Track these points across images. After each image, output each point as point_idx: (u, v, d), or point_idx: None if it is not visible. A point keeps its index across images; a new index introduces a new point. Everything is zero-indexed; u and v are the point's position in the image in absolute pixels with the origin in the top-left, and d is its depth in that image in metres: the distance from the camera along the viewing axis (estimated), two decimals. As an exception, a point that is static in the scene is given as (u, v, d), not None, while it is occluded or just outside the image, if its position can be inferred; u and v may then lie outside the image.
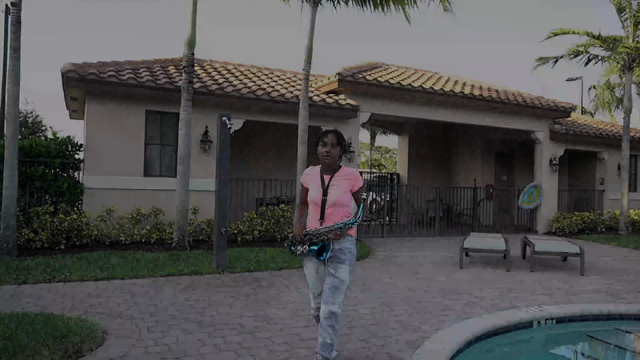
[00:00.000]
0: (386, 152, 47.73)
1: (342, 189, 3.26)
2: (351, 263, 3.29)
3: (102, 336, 3.92)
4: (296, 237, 3.27)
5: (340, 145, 3.29)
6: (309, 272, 3.40)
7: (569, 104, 13.84)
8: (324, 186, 3.27)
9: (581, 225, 13.63)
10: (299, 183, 3.59)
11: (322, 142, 3.26)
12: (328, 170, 3.32)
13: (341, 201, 3.24)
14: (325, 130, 3.31)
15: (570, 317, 5.18)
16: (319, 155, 3.28)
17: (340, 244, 3.27)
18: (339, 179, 3.29)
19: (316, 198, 3.27)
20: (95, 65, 9.25)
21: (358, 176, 3.32)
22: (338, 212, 3.25)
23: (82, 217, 8.22)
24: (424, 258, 8.69)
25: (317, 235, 3.22)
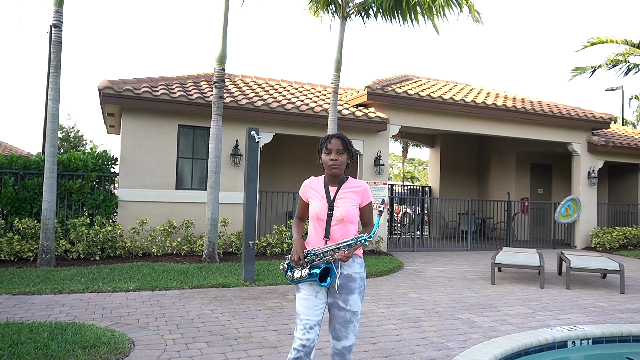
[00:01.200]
0: (419, 165, 47.32)
1: (350, 203, 2.78)
2: (362, 290, 2.79)
3: (129, 347, 4.00)
4: (294, 259, 2.69)
5: (348, 151, 2.82)
6: (304, 297, 2.74)
7: (608, 115, 13.39)
8: (329, 199, 2.78)
9: (623, 241, 13.08)
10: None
11: (326, 149, 2.80)
12: (334, 181, 2.85)
13: (350, 217, 2.75)
14: (329, 135, 2.84)
15: (608, 337, 4.94)
16: (323, 165, 2.84)
17: (348, 269, 2.76)
18: (347, 191, 2.82)
19: (321, 213, 2.76)
20: (130, 81, 9.58)
21: (368, 189, 2.88)
22: (346, 229, 2.75)
23: (116, 229, 8.45)
24: (454, 273, 8.51)
25: (322, 254, 2.68)
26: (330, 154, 2.78)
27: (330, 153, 2.79)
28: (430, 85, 12.94)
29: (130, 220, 8.98)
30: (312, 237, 2.83)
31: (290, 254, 2.76)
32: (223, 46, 8.70)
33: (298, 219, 3.02)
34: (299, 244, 2.76)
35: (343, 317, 2.75)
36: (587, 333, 4.85)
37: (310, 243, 2.83)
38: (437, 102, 11.33)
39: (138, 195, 9.15)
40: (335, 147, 2.78)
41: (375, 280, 7.54)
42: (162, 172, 9.35)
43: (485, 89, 14.31)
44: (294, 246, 2.76)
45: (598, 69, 14.52)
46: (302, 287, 2.77)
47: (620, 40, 13.67)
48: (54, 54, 7.86)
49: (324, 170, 2.87)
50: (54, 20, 7.86)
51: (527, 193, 15.65)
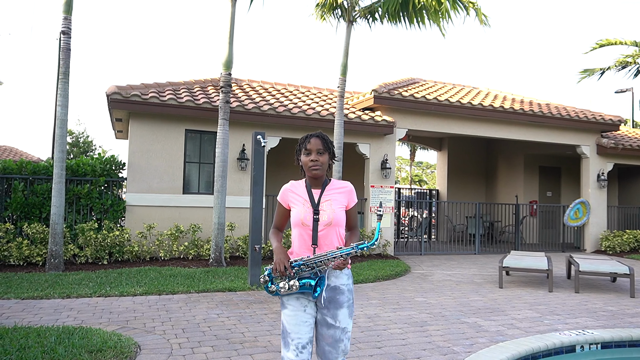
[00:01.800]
0: (427, 168, 47.13)
1: (337, 205, 2.56)
2: (351, 304, 2.55)
3: (135, 351, 4.01)
4: (280, 269, 2.38)
5: (329, 151, 2.59)
6: (292, 312, 2.48)
7: (618, 117, 13.27)
8: (314, 203, 2.54)
9: (634, 244, 12.94)
10: None
11: (306, 150, 2.56)
12: (316, 184, 2.61)
13: (338, 220, 2.53)
14: (308, 135, 2.60)
15: (618, 342, 4.87)
16: (303, 167, 2.60)
17: (335, 280, 2.51)
18: (332, 193, 2.59)
19: (306, 218, 2.51)
20: (138, 87, 9.65)
21: (353, 190, 2.66)
22: (333, 234, 2.53)
23: (124, 234, 8.50)
24: (461, 277, 8.46)
25: (314, 264, 2.41)
26: (310, 154, 2.56)
27: (310, 153, 2.56)
28: (437, 88, 12.92)
29: (138, 225, 9.03)
30: (296, 246, 2.57)
31: (273, 264, 2.44)
32: (229, 51, 8.75)
33: (275, 229, 2.71)
34: (282, 252, 2.47)
35: (332, 336, 2.48)
36: (596, 337, 4.79)
37: (294, 252, 2.57)
38: (444, 105, 11.30)
39: (145, 199, 9.20)
40: (315, 147, 2.55)
41: (382, 284, 7.52)
42: (169, 177, 9.40)
43: (492, 91, 14.25)
44: (277, 255, 2.46)
45: (607, 71, 14.39)
46: (289, 302, 2.50)
47: (630, 42, 13.55)
48: (62, 60, 7.95)
49: (304, 174, 2.65)
50: (62, 27, 7.95)
51: (535, 196, 15.54)
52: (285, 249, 2.52)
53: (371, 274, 7.97)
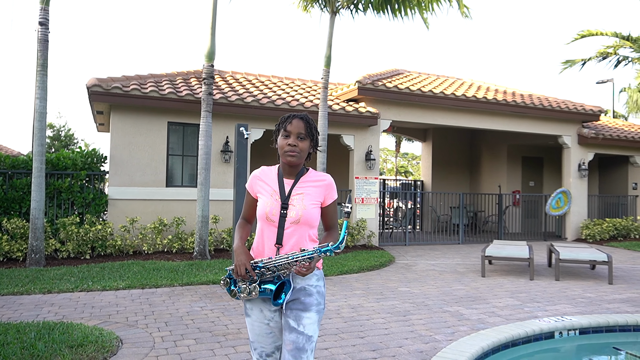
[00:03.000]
0: (413, 159, 47.40)
1: (310, 201, 2.21)
2: (320, 309, 2.23)
3: (117, 345, 3.99)
4: (240, 271, 2.12)
5: (311, 138, 2.25)
6: (254, 321, 2.25)
7: (598, 108, 13.46)
8: (283, 195, 2.22)
9: (613, 232, 13.18)
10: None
11: (285, 132, 2.21)
12: (290, 173, 2.28)
13: (308, 218, 2.19)
14: (291, 115, 2.26)
15: (595, 327, 4.99)
16: (278, 151, 2.26)
17: (302, 281, 2.20)
18: (306, 186, 2.25)
19: (271, 212, 2.19)
20: (119, 79, 9.52)
21: (332, 184, 2.30)
22: (302, 233, 2.20)
23: (106, 228, 8.42)
24: (445, 266, 8.55)
25: (275, 267, 2.13)
26: (289, 137, 2.20)
27: (289, 136, 2.21)
28: (421, 79, 12.95)
29: (121, 219, 8.95)
30: (259, 243, 2.26)
31: (234, 266, 2.17)
32: (212, 42, 8.66)
33: (244, 220, 2.38)
34: (243, 253, 2.17)
35: (294, 342, 2.13)
36: (574, 324, 4.89)
37: (256, 250, 2.26)
38: (428, 97, 11.35)
39: (128, 193, 9.11)
40: (296, 129, 2.20)
41: (367, 274, 7.56)
42: (152, 170, 9.32)
43: (476, 82, 14.34)
44: (237, 255, 2.17)
45: (588, 62, 14.59)
46: (251, 311, 2.25)
47: (610, 32, 13.73)
48: (40, 52, 7.79)
49: (279, 159, 2.30)
50: (40, 18, 7.79)
51: (518, 186, 15.73)
52: (247, 249, 2.21)
53: (355, 264, 8.02)
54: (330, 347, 4.04)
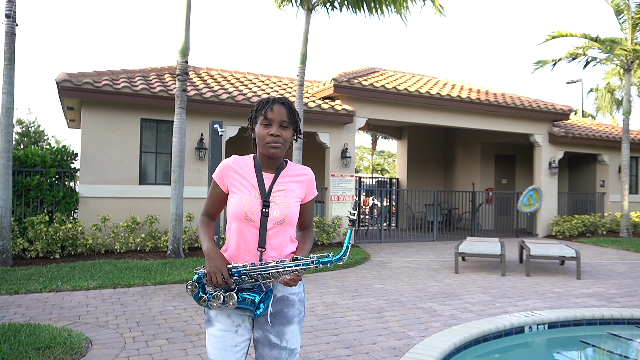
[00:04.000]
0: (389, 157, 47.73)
1: (293, 198, 2.00)
2: (302, 318, 2.03)
3: (87, 346, 3.91)
4: (216, 278, 1.83)
5: (294, 125, 2.00)
6: (219, 333, 1.92)
7: (568, 107, 13.79)
8: (264, 191, 1.96)
9: (581, 228, 13.54)
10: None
11: (265, 119, 1.94)
12: (269, 166, 2.01)
13: (293, 217, 1.99)
14: (270, 100, 1.99)
15: (563, 322, 5.12)
16: (256, 141, 1.99)
17: (283, 289, 1.98)
18: (288, 181, 2.02)
19: (251, 210, 1.92)
20: (90, 74, 9.31)
21: (313, 179, 2.10)
22: (285, 235, 1.97)
23: (77, 226, 8.23)
24: (419, 263, 8.65)
25: (259, 276, 1.86)
26: (270, 126, 1.94)
27: (271, 125, 1.94)
28: (397, 77, 13.04)
29: (92, 217, 8.76)
30: (233, 246, 1.96)
31: (207, 271, 1.87)
32: (186, 38, 8.54)
33: (207, 217, 2.08)
34: (218, 257, 1.88)
35: (277, 359, 1.95)
36: (544, 318, 5.01)
37: (230, 254, 1.97)
38: (403, 95, 11.43)
39: (100, 191, 8.93)
40: (279, 117, 1.94)
41: (342, 272, 7.59)
42: (124, 167, 9.15)
43: (450, 81, 14.52)
44: (211, 259, 1.87)
45: (559, 62, 14.88)
46: (217, 318, 1.93)
47: (580, 34, 14.04)
48: (7, 45, 7.55)
49: (255, 149, 2.04)
50: (6, 10, 7.55)
51: (491, 183, 16.01)
52: (220, 252, 1.92)
53: (331, 262, 8.02)
54: (304, 345, 4.04)
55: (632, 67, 14.15)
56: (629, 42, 13.75)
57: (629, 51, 13.54)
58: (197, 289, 1.91)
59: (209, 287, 1.90)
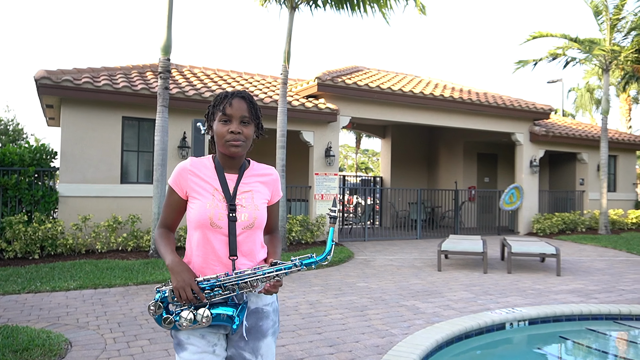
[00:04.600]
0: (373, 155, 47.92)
1: (260, 199, 1.87)
2: (276, 329, 1.90)
3: (66, 348, 3.85)
4: (185, 294, 1.65)
5: (256, 121, 1.86)
6: (194, 353, 1.74)
7: (548, 106, 13.99)
8: (228, 194, 1.81)
9: (561, 226, 13.75)
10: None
11: (224, 116, 1.79)
12: (231, 166, 1.87)
13: (262, 220, 1.85)
14: (228, 94, 1.84)
15: (543, 318, 5.20)
16: (215, 140, 1.84)
17: (257, 300, 1.84)
18: (253, 182, 1.89)
19: (215, 216, 1.77)
20: (70, 71, 9.16)
21: (279, 179, 1.99)
22: (256, 239, 1.85)
23: (56, 226, 8.09)
24: (402, 261, 8.70)
25: (237, 286, 1.70)
26: (230, 122, 1.79)
27: (230, 122, 1.79)
28: (380, 76, 13.09)
29: (72, 217, 8.63)
30: (202, 258, 1.79)
31: (173, 287, 1.67)
32: (168, 35, 8.44)
33: (165, 229, 1.89)
34: (185, 270, 1.70)
35: None
36: (524, 315, 5.08)
37: (196, 265, 1.79)
38: (387, 93, 11.48)
39: (80, 190, 8.79)
40: (239, 112, 1.79)
41: (325, 270, 7.60)
42: (105, 166, 9.02)
43: (433, 80, 14.62)
44: (177, 273, 1.68)
45: (540, 62, 15.09)
46: (189, 341, 1.74)
47: (560, 34, 14.24)
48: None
49: (213, 148, 1.90)
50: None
51: (474, 182, 16.17)
52: (187, 264, 1.75)
53: (315, 261, 8.02)
54: (287, 344, 4.04)
55: (610, 67, 14.41)
56: (607, 42, 14.00)
57: (607, 51, 13.78)
58: (161, 310, 1.69)
59: (175, 306, 1.69)
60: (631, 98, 26.36)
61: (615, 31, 14.17)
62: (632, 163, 16.78)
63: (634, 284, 6.89)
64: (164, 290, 1.72)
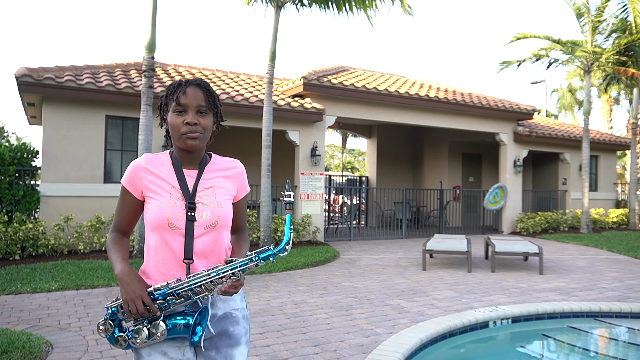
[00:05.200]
0: (359, 155, 48.03)
1: (224, 195, 1.71)
2: (248, 338, 1.75)
3: (47, 350, 3.79)
4: (136, 307, 1.50)
5: (214, 110, 1.70)
6: None
7: (532, 107, 14.16)
8: (187, 191, 1.65)
9: (544, 225, 13.93)
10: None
11: (178, 105, 1.64)
12: (190, 161, 1.71)
13: (226, 218, 1.69)
14: (182, 82, 1.67)
15: (526, 316, 5.26)
16: (170, 133, 1.69)
17: (224, 305, 1.68)
18: (216, 177, 1.73)
19: (174, 216, 1.61)
20: (52, 69, 9.02)
21: (244, 172, 1.82)
22: (220, 240, 1.69)
23: (38, 226, 7.97)
24: (388, 260, 8.73)
25: (189, 292, 1.54)
26: (185, 113, 1.64)
27: (185, 112, 1.64)
28: (366, 76, 13.12)
29: (54, 217, 8.50)
30: (161, 262, 1.62)
31: (122, 300, 1.53)
32: (152, 33, 8.36)
33: (118, 234, 1.72)
34: (135, 280, 1.54)
35: None
36: (507, 313, 5.14)
37: (153, 272, 1.63)
38: (373, 93, 11.51)
39: (62, 189, 8.67)
40: (195, 101, 1.63)
41: (311, 270, 7.60)
42: (88, 165, 8.91)
43: (419, 80, 14.70)
44: (126, 285, 1.52)
45: (523, 63, 15.27)
46: (152, 357, 1.57)
47: (543, 36, 14.43)
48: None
49: (170, 143, 1.76)
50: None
51: (459, 181, 16.31)
52: (137, 273, 1.59)
53: (300, 260, 8.03)
54: (272, 344, 4.03)
55: (592, 68, 14.63)
56: (589, 44, 14.23)
57: (589, 53, 14.00)
58: (113, 328, 1.55)
59: (128, 322, 1.54)
60: (612, 99, 26.82)
61: (596, 33, 14.41)
62: (612, 163, 17.08)
63: (614, 282, 7.01)
64: (113, 306, 1.57)
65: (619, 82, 17.23)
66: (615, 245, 11.03)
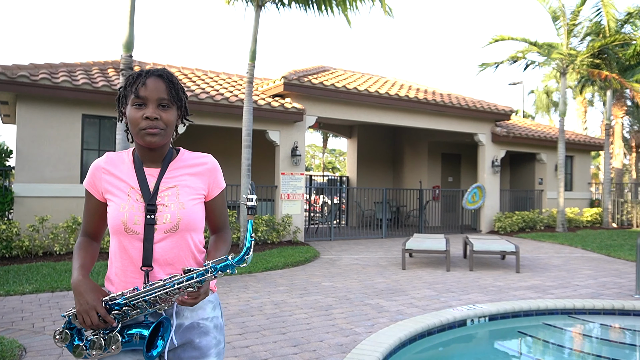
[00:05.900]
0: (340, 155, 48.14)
1: (189, 195, 1.56)
2: (220, 349, 1.62)
3: (20, 354, 3.71)
4: (89, 318, 1.41)
5: (178, 103, 1.56)
6: None
7: (509, 108, 14.39)
8: (147, 192, 1.53)
9: (521, 224, 14.17)
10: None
11: (137, 98, 1.50)
12: (152, 159, 1.58)
13: (190, 221, 1.55)
14: (142, 73, 1.54)
15: (503, 314, 5.35)
16: (130, 128, 1.55)
17: (192, 314, 1.57)
18: (180, 174, 1.59)
19: (131, 219, 1.50)
20: (26, 67, 8.83)
21: (216, 167, 1.66)
22: (184, 245, 1.55)
23: (12, 228, 7.79)
24: (368, 260, 8.78)
25: (144, 303, 1.44)
26: (145, 106, 1.50)
27: (145, 105, 1.50)
28: (347, 76, 13.17)
29: (29, 218, 8.32)
30: (121, 269, 1.52)
31: (77, 311, 1.43)
32: (130, 31, 8.23)
33: (86, 238, 1.62)
34: (89, 290, 1.44)
35: None
36: (484, 311, 5.22)
37: (116, 279, 1.54)
38: (353, 94, 11.56)
39: (37, 190, 8.49)
40: (155, 94, 1.50)
41: (291, 270, 7.59)
42: (64, 165, 8.74)
43: (399, 81, 14.81)
44: (80, 295, 1.44)
45: (501, 64, 15.51)
46: None
47: (520, 38, 14.68)
48: None
49: (130, 140, 1.62)
50: None
51: (438, 181, 16.48)
52: (94, 283, 1.48)
53: (280, 260, 8.02)
54: (251, 344, 4.01)
55: (567, 70, 14.94)
56: (565, 47, 14.52)
57: (565, 55, 14.29)
58: (70, 337, 1.46)
59: (87, 332, 1.46)
60: (587, 101, 27.43)
61: (572, 36, 14.72)
62: (587, 163, 17.47)
63: (588, 279, 7.17)
64: (70, 314, 1.48)
65: (593, 85, 17.64)
66: (589, 243, 11.28)
